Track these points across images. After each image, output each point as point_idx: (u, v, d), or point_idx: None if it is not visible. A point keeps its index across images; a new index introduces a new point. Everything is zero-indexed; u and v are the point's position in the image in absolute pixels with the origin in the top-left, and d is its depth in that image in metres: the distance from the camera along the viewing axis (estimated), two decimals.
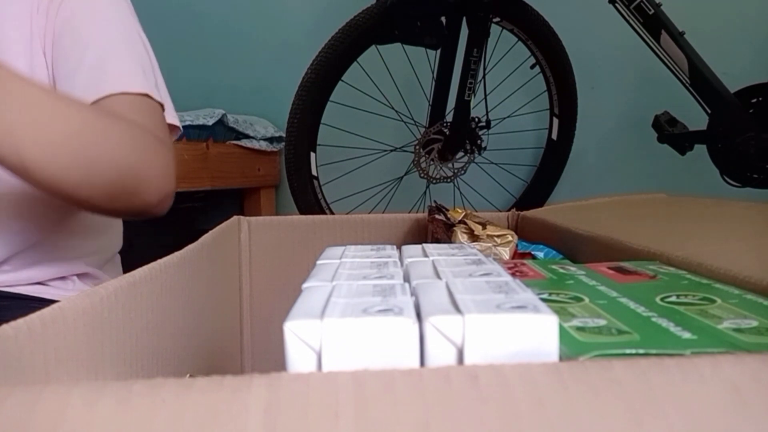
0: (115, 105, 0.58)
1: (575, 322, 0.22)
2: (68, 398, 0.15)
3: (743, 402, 0.16)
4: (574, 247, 0.47)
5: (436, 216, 0.56)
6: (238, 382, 0.16)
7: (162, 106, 0.64)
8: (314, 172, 1.24)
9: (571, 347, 0.20)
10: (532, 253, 0.49)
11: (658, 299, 0.26)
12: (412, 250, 0.32)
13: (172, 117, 0.65)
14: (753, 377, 0.16)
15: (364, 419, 0.15)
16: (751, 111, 1.17)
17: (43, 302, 0.30)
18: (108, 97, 0.58)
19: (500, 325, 0.18)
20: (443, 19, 1.24)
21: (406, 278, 0.26)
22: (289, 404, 0.15)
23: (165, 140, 0.61)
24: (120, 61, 0.61)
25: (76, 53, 0.60)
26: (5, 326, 0.22)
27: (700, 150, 1.23)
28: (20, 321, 0.23)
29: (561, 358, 0.18)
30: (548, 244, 0.50)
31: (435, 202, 0.61)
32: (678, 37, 1.17)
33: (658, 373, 0.16)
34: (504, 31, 1.36)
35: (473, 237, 0.50)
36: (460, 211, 0.56)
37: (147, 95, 0.60)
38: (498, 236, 0.49)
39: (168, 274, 0.35)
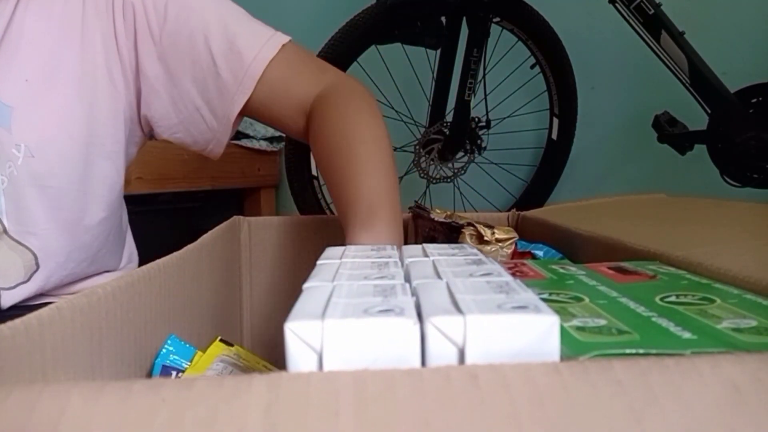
0: (272, 74, 0.59)
1: (575, 322, 0.22)
2: (68, 398, 0.15)
3: (743, 401, 0.16)
4: (574, 247, 0.47)
5: (433, 218, 0.56)
6: (238, 382, 0.16)
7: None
8: (314, 172, 1.24)
9: (571, 347, 0.19)
10: (532, 252, 0.49)
11: (657, 299, 0.26)
12: (412, 250, 0.32)
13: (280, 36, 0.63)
14: (752, 377, 0.16)
15: (364, 419, 0.15)
16: (751, 111, 1.17)
17: None
18: (263, 73, 0.59)
19: (501, 325, 0.18)
20: (443, 19, 1.24)
21: (407, 278, 0.26)
22: (289, 404, 0.15)
23: (339, 74, 0.64)
24: (246, 33, 0.60)
25: (202, 58, 0.59)
26: (2, 326, 0.22)
27: (700, 150, 1.23)
28: (17, 321, 0.23)
29: (561, 358, 0.18)
30: (548, 243, 0.50)
31: (416, 202, 0.62)
32: (678, 37, 1.17)
33: (657, 372, 0.16)
34: (504, 31, 1.36)
35: (481, 241, 0.50)
36: (439, 211, 0.57)
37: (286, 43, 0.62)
38: (505, 239, 0.49)
39: (167, 274, 0.35)
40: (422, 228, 0.58)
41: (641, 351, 0.19)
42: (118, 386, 0.16)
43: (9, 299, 0.57)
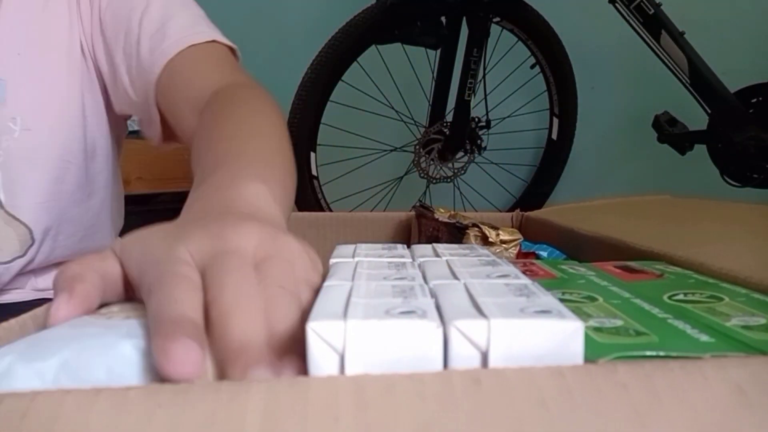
0: (186, 60, 0.55)
1: (592, 323, 0.22)
2: (61, 404, 0.15)
3: (748, 404, 0.16)
4: (577, 248, 0.47)
5: (439, 218, 0.56)
6: (237, 386, 0.16)
7: (232, 49, 0.61)
8: (314, 172, 1.24)
9: (590, 349, 0.19)
10: (536, 253, 0.48)
11: (665, 297, 0.26)
12: (422, 250, 0.32)
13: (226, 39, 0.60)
14: (757, 379, 0.16)
15: (364, 423, 0.15)
16: (751, 111, 1.17)
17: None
18: (178, 55, 0.55)
19: (526, 329, 0.18)
20: (443, 19, 1.24)
21: (423, 278, 0.25)
22: (288, 408, 0.15)
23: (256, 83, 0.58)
24: (179, 18, 0.57)
25: (133, 31, 0.56)
26: None
27: (700, 150, 1.23)
28: (12, 321, 0.23)
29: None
30: (552, 244, 0.50)
31: (420, 201, 0.61)
32: (678, 37, 1.17)
33: (662, 375, 0.16)
34: (504, 31, 1.36)
35: (486, 242, 0.50)
36: (443, 211, 0.56)
37: (214, 41, 0.58)
38: (509, 241, 0.49)
39: None
40: (426, 228, 0.58)
41: (662, 353, 0.19)
42: (113, 392, 0.16)
43: (7, 274, 0.57)
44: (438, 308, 0.20)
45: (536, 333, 0.18)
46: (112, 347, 0.20)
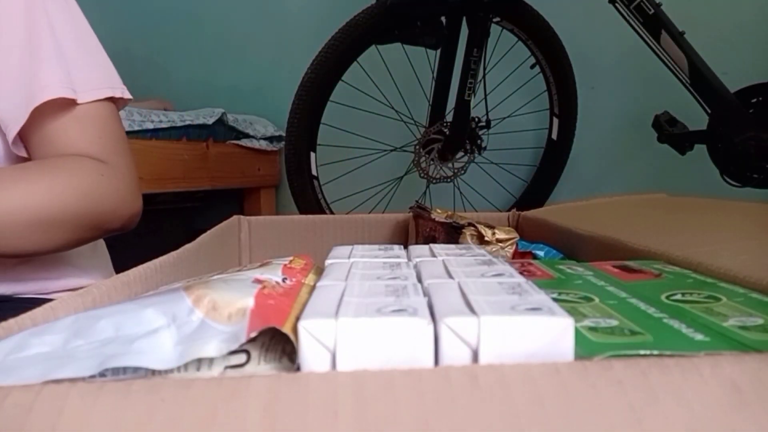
0: (50, 115, 0.54)
1: (587, 322, 0.22)
2: (66, 398, 0.15)
3: (743, 401, 0.16)
4: (574, 247, 0.47)
5: (435, 218, 0.56)
6: (238, 382, 0.16)
7: (115, 98, 0.58)
8: (314, 172, 1.24)
9: (584, 347, 0.19)
10: (533, 252, 0.49)
11: (663, 297, 0.26)
12: (419, 250, 0.32)
13: (117, 89, 0.58)
14: (753, 376, 0.16)
15: (363, 418, 0.15)
16: (751, 111, 1.17)
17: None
18: (42, 105, 0.53)
19: (516, 326, 0.18)
20: (443, 19, 1.24)
21: (418, 278, 0.26)
22: (288, 404, 0.15)
23: (113, 158, 0.57)
24: (48, 64, 0.54)
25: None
26: None
27: (700, 150, 1.23)
28: (11, 321, 0.23)
29: (575, 359, 0.18)
30: (549, 243, 0.50)
31: (417, 202, 0.62)
32: (678, 37, 1.17)
33: (658, 372, 0.16)
34: (504, 31, 1.36)
35: (482, 241, 0.50)
36: (440, 211, 0.57)
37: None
38: (506, 240, 0.49)
39: (164, 274, 0.35)
40: (423, 228, 0.58)
41: (655, 352, 0.19)
42: (116, 386, 0.16)
43: None
44: (430, 307, 0.20)
45: (526, 330, 0.18)
46: None
